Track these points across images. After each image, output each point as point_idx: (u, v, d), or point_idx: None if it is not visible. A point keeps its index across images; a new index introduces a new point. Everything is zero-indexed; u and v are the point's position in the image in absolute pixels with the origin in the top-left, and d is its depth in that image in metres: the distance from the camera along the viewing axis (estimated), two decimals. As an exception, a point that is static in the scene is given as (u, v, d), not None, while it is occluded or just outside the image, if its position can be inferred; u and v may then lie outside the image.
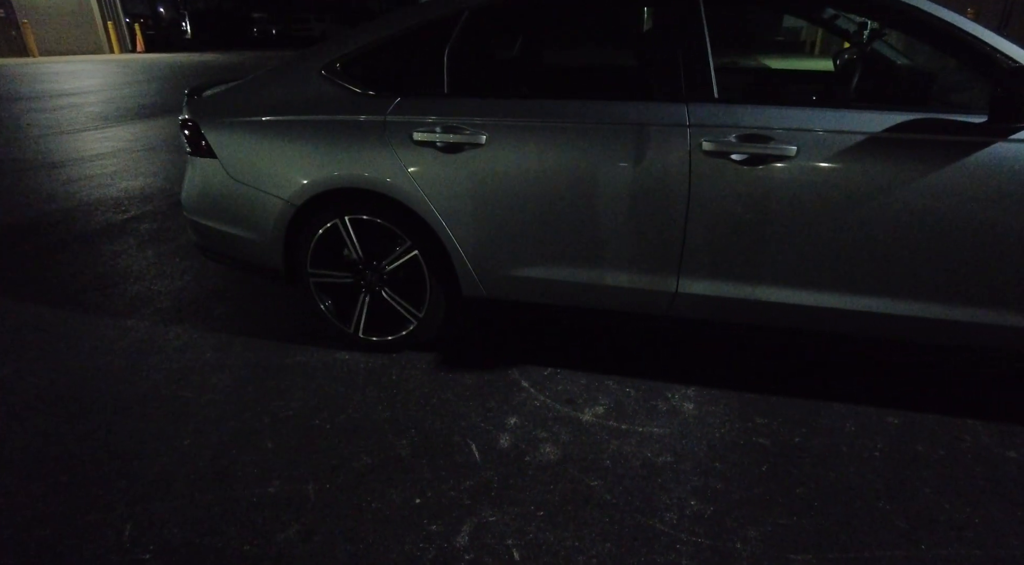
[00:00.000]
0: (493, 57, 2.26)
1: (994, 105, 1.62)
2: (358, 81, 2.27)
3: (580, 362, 2.38)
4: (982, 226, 1.74)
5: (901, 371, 2.28)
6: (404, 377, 2.30)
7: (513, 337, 2.58)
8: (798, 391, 2.17)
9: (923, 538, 1.55)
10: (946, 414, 2.03)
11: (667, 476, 1.78)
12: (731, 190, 1.90)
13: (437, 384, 2.25)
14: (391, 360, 2.41)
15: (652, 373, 2.30)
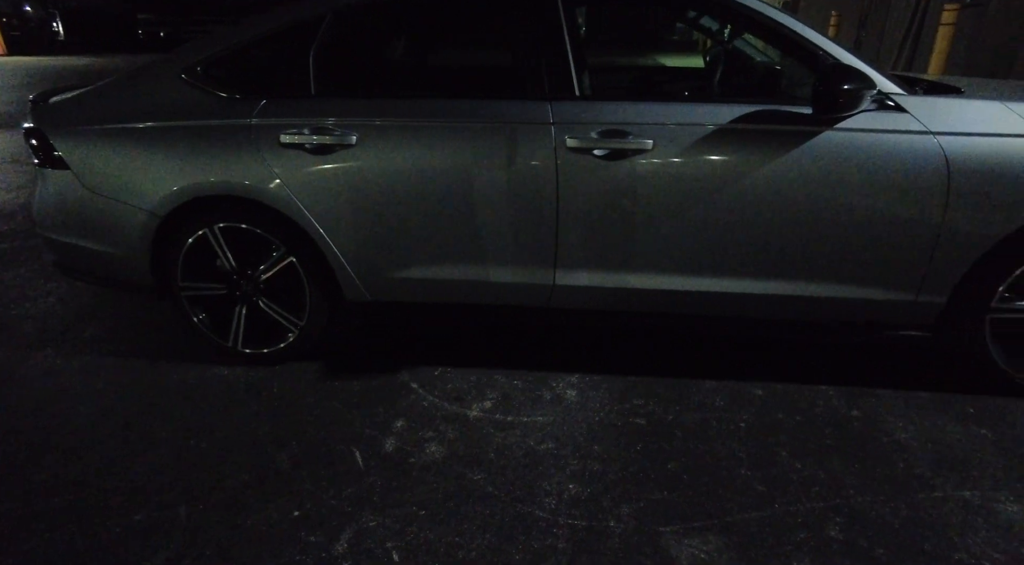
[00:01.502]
0: (362, 57, 2.23)
1: (816, 98, 1.77)
2: (221, 84, 2.18)
3: (470, 359, 2.40)
4: (819, 207, 1.90)
5: (765, 346, 2.45)
6: (287, 389, 2.23)
7: (403, 339, 2.56)
8: (673, 371, 2.29)
9: (777, 497, 1.67)
10: (804, 383, 2.20)
11: (548, 463, 1.83)
12: (596, 184, 1.97)
13: (322, 393, 2.20)
14: (274, 372, 2.34)
15: (538, 364, 2.35)
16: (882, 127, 1.85)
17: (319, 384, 2.26)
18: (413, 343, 2.53)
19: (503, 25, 2.15)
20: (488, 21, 2.17)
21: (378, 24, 2.17)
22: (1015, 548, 1.49)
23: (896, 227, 1.88)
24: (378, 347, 2.51)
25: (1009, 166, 1.79)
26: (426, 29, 2.32)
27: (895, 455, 1.82)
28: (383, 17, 2.15)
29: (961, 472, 1.74)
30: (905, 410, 2.02)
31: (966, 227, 1.85)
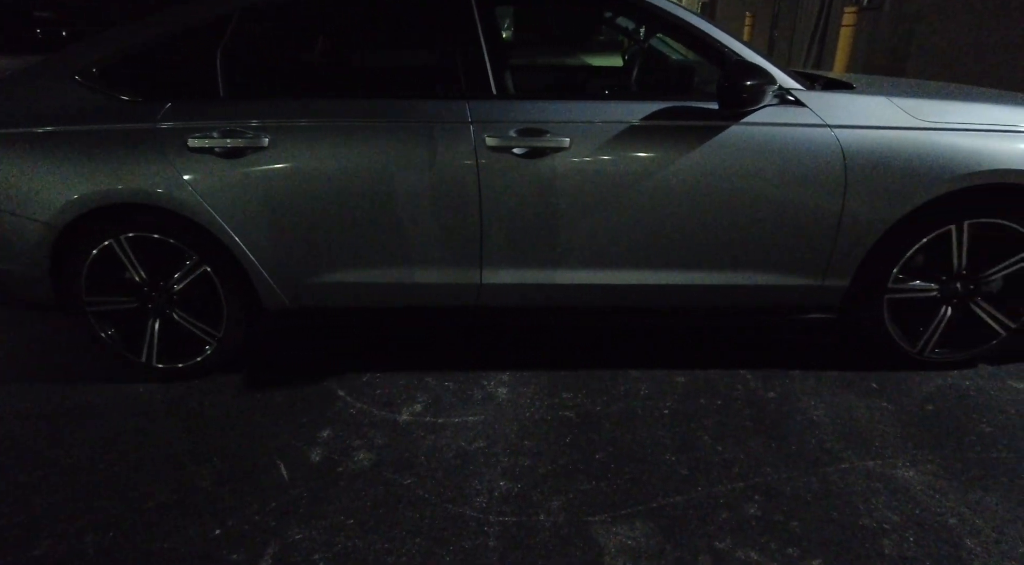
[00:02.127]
0: (273, 57, 2.17)
1: (721, 93, 1.85)
2: (121, 86, 2.06)
3: (400, 363, 2.37)
4: (730, 199, 1.98)
5: (688, 334, 2.53)
6: (208, 403, 2.14)
7: (329, 346, 2.50)
8: (601, 363, 2.33)
9: (700, 480, 1.73)
10: (724, 368, 2.29)
11: (479, 462, 1.83)
12: (517, 182, 1.99)
13: (244, 406, 2.12)
14: (192, 387, 2.23)
15: (470, 364, 2.35)
16: (784, 121, 1.95)
17: (241, 397, 2.17)
18: (340, 349, 2.47)
19: (418, 24, 2.14)
20: (403, 20, 2.15)
21: (288, 23, 2.11)
22: (909, 509, 1.60)
23: (801, 215, 1.99)
24: (303, 355, 2.44)
25: (895, 156, 1.92)
26: (340, 28, 2.28)
27: (808, 432, 1.92)
28: (293, 16, 2.10)
29: (865, 444, 1.86)
30: (816, 389, 2.14)
31: (862, 214, 1.97)
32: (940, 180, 1.92)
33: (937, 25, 7.52)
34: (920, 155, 1.92)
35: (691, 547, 1.51)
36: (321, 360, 2.40)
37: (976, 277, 2.10)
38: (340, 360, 2.40)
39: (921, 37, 7.83)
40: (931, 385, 2.14)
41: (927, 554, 1.47)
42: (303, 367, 2.35)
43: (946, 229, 2.02)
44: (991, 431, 1.90)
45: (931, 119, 1.96)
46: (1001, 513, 1.59)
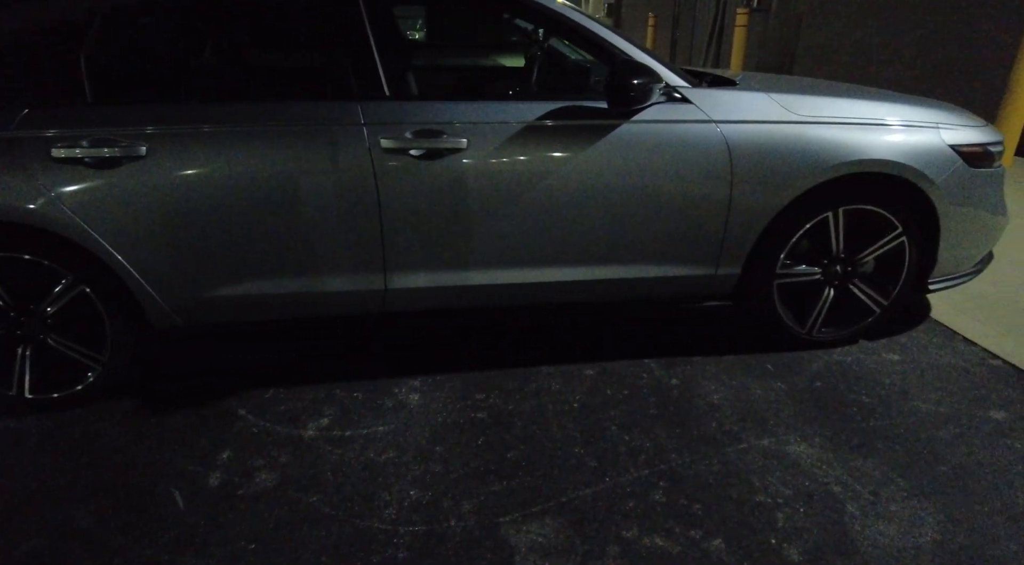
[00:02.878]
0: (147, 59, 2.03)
1: (609, 92, 1.89)
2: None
3: (306, 376, 2.28)
4: (626, 195, 2.03)
5: (597, 327, 2.59)
6: (92, 433, 1.98)
7: (229, 364, 2.38)
8: (513, 362, 2.34)
9: (608, 471, 1.77)
10: (630, 358, 2.35)
11: (389, 473, 1.79)
12: (415, 184, 1.95)
13: (135, 433, 1.98)
14: (75, 416, 2.06)
15: (380, 372, 2.29)
16: (672, 118, 2.02)
17: (131, 423, 2.02)
18: (241, 367, 2.35)
19: (306, 24, 2.06)
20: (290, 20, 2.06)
21: (165, 22, 1.98)
22: (800, 482, 1.70)
23: (693, 208, 2.07)
24: (201, 375, 2.30)
25: (775, 148, 2.03)
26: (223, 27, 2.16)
27: (708, 416, 2.00)
28: (169, 14, 1.97)
29: (762, 423, 1.96)
30: (716, 373, 2.24)
31: (749, 204, 2.07)
32: (815, 170, 2.04)
33: (819, 25, 8.06)
34: (797, 147, 2.04)
35: (599, 539, 1.54)
36: (221, 379, 2.27)
37: (852, 260, 2.26)
38: (241, 378, 2.28)
39: (806, 37, 8.38)
40: (819, 363, 2.28)
41: (815, 523, 1.57)
42: (201, 388, 2.22)
43: (824, 216, 2.15)
44: (869, 401, 2.05)
45: (805, 113, 2.08)
46: (877, 476, 1.71)
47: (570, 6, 2.11)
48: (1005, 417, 1.94)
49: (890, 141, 2.09)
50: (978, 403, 2.02)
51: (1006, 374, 2.17)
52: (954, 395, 2.06)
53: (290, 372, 2.31)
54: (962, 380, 2.15)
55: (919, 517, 1.57)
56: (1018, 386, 2.10)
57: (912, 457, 1.78)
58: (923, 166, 2.10)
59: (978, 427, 1.90)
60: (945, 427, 1.91)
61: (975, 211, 2.22)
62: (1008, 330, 2.44)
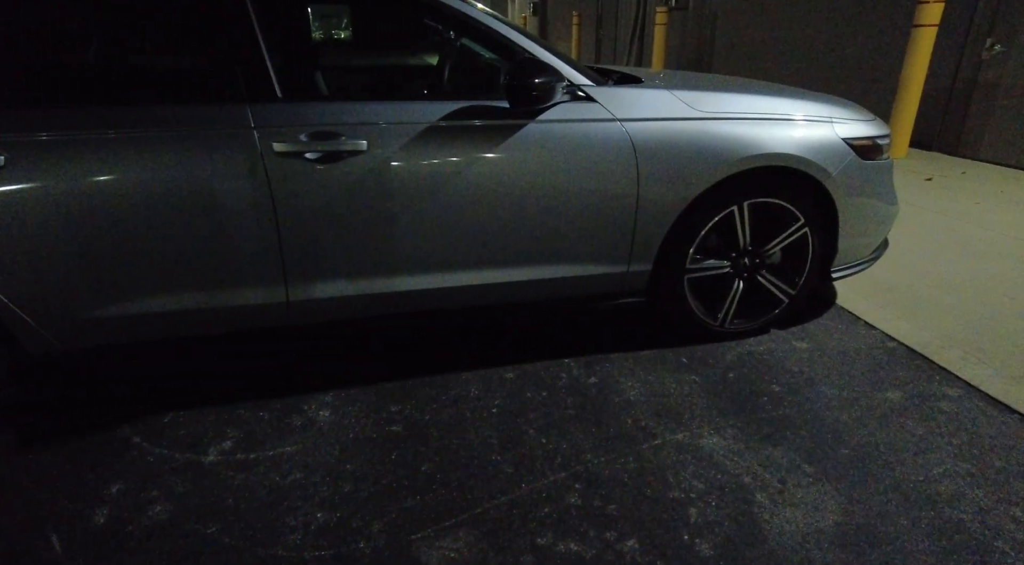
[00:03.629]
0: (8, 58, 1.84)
1: (509, 91, 1.86)
2: None
3: (208, 397, 2.14)
4: (535, 196, 2.00)
5: (517, 329, 2.56)
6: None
7: (123, 388, 2.21)
8: (431, 369, 2.28)
9: (524, 477, 1.74)
10: (550, 358, 2.33)
11: (295, 495, 1.69)
12: (313, 190, 1.86)
13: (9, 474, 1.80)
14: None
15: (289, 389, 2.18)
16: (577, 117, 2.01)
17: (6, 462, 1.84)
18: (137, 391, 2.19)
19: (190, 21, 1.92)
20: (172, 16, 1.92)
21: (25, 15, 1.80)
22: (712, 475, 1.72)
23: (602, 207, 2.06)
24: (90, 402, 2.12)
25: (678, 145, 2.05)
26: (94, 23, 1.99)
27: (624, 413, 2.00)
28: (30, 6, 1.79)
29: (677, 417, 1.97)
30: (633, 369, 2.25)
31: (656, 201, 2.08)
32: (719, 166, 2.08)
33: (734, 24, 8.36)
34: (700, 143, 2.07)
35: (513, 549, 1.50)
36: (113, 405, 2.11)
37: (759, 252, 2.32)
38: (136, 403, 2.12)
39: (721, 35, 8.67)
40: (732, 354, 2.33)
41: (726, 515, 1.58)
42: (90, 416, 2.05)
43: (730, 210, 2.20)
44: (779, 390, 2.10)
45: (707, 109, 2.12)
46: (785, 465, 1.75)
47: (472, 4, 2.06)
48: (899, 397, 2.04)
49: (789, 136, 2.15)
50: (876, 385, 2.11)
51: (901, 355, 2.28)
52: (855, 379, 2.15)
53: (191, 394, 2.17)
54: (863, 363, 2.24)
55: (822, 501, 1.61)
56: (911, 366, 2.21)
57: (817, 442, 1.84)
58: (820, 159, 2.17)
59: (875, 408, 1.98)
60: (847, 410, 1.98)
61: (869, 201, 2.32)
62: (903, 313, 2.57)
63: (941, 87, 5.39)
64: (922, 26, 4.79)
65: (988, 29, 4.96)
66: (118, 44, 1.94)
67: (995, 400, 2.00)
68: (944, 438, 1.83)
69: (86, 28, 1.91)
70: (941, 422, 1.90)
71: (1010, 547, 1.47)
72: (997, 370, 2.14)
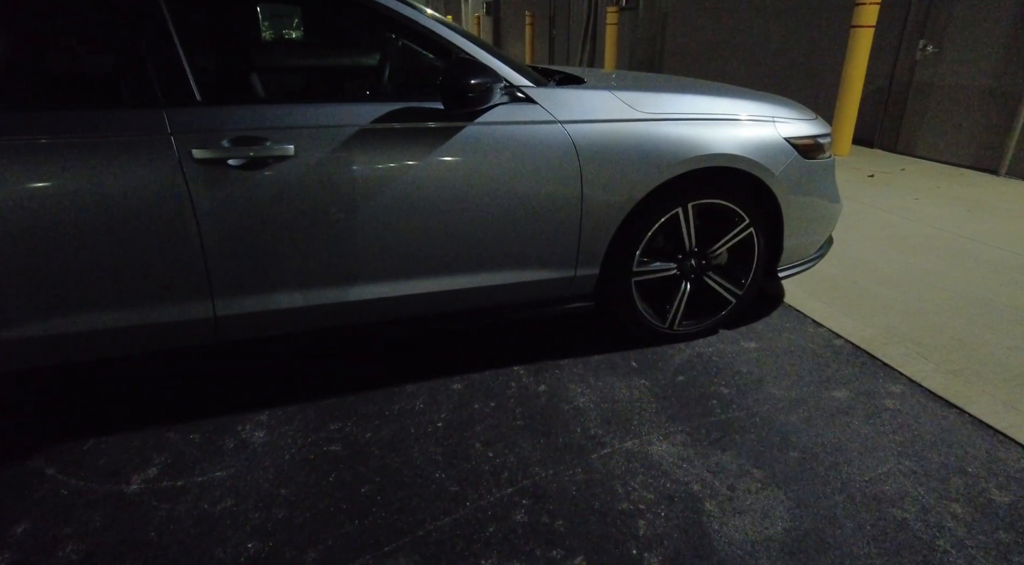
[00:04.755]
0: None
1: (444, 92, 1.78)
2: None
3: (133, 422, 2.00)
4: (476, 201, 1.93)
5: (464, 337, 2.48)
6: None
7: (36, 415, 2.05)
8: (374, 383, 2.18)
9: (470, 494, 1.67)
10: (499, 367, 2.27)
11: (225, 525, 1.58)
12: (237, 198, 1.75)
13: (-99, 514, 1.63)
14: None
15: (222, 409, 2.06)
16: (517, 119, 1.95)
17: None
18: (53, 418, 2.03)
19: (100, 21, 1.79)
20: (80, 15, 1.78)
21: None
22: (661, 483, 1.69)
23: (546, 211, 2.01)
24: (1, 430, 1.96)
25: (621, 147, 2.02)
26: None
27: (574, 421, 1.95)
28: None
29: (625, 424, 1.94)
30: (583, 375, 2.20)
31: (601, 204, 2.04)
32: (662, 167, 2.05)
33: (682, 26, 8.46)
34: (643, 145, 2.04)
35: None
36: (24, 435, 1.95)
37: (706, 253, 2.31)
38: (52, 430, 1.96)
39: (670, 36, 8.77)
40: (681, 356, 2.31)
41: (675, 526, 1.55)
42: None
43: (675, 212, 2.17)
44: (728, 392, 2.09)
45: (649, 110, 2.09)
46: (734, 470, 1.73)
47: (409, 3, 1.98)
48: (845, 396, 2.05)
49: (732, 136, 2.14)
50: (823, 384, 2.11)
51: (847, 353, 2.30)
52: (803, 378, 2.15)
53: (115, 418, 2.02)
54: (810, 362, 2.25)
55: (771, 507, 1.59)
56: (856, 363, 2.23)
57: (765, 446, 1.82)
58: (763, 159, 2.17)
59: (823, 408, 1.98)
60: (795, 411, 1.97)
61: (812, 199, 2.33)
62: (849, 310, 2.61)
63: (880, 86, 5.55)
64: (860, 27, 4.91)
65: (921, 30, 5.12)
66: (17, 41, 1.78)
67: (936, 395, 2.03)
68: (888, 436, 1.84)
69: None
70: (885, 420, 1.91)
71: (951, 545, 1.47)
72: (937, 365, 2.18)
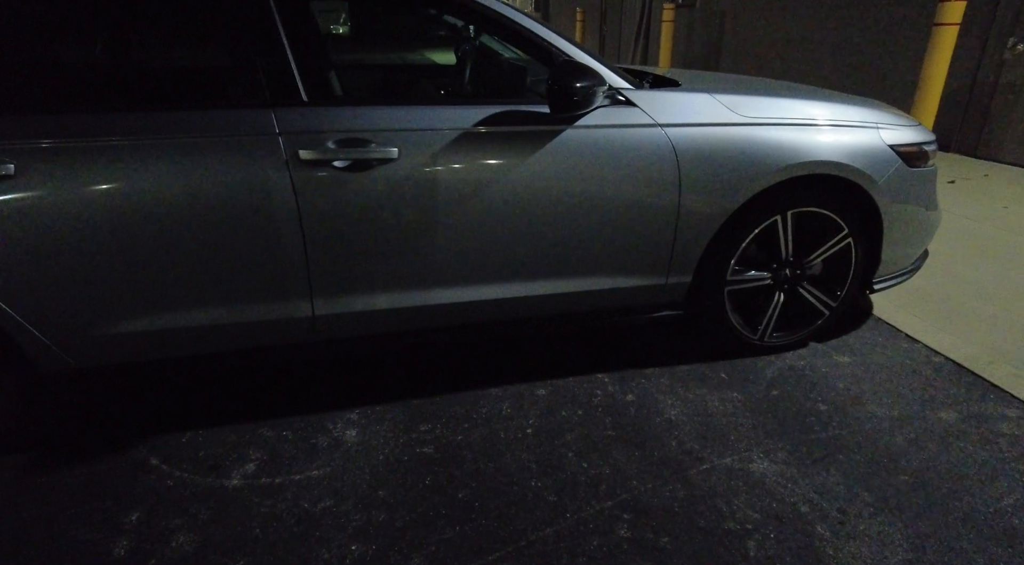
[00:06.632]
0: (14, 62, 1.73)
1: (551, 96, 1.76)
2: None
3: (228, 416, 2.04)
4: (572, 205, 1.90)
5: (546, 342, 2.46)
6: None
7: (139, 406, 2.10)
8: (460, 385, 2.18)
9: (568, 506, 1.64)
10: (582, 373, 2.24)
11: (326, 525, 1.60)
12: (341, 200, 1.76)
13: (21, 500, 1.70)
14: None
15: (312, 407, 2.08)
16: (617, 122, 1.91)
17: (16, 487, 1.74)
18: (153, 408, 2.09)
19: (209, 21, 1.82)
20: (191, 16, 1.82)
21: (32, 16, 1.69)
22: (767, 503, 1.63)
23: (642, 216, 1.97)
24: (106, 421, 2.02)
25: (722, 152, 1.96)
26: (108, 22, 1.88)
27: (667, 434, 1.91)
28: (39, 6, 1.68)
29: (722, 439, 1.88)
30: (672, 386, 2.15)
31: (698, 210, 1.99)
32: (765, 173, 1.98)
33: (742, 22, 8.25)
34: (745, 150, 1.97)
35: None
36: (129, 425, 2.01)
37: (800, 263, 2.23)
38: (154, 422, 2.02)
39: (729, 33, 8.56)
40: (773, 369, 2.24)
41: (786, 549, 1.49)
42: (105, 437, 1.95)
43: (773, 220, 2.10)
44: (826, 409, 2.01)
45: (751, 115, 2.02)
46: (842, 493, 1.66)
47: (504, 2, 1.96)
48: (954, 418, 1.95)
49: (836, 142, 2.05)
50: (928, 404, 2.02)
51: (949, 372, 2.19)
52: (904, 397, 2.06)
53: (210, 411, 2.07)
54: (910, 380, 2.15)
55: (888, 535, 1.52)
56: (961, 383, 2.12)
57: (873, 467, 1.75)
58: (867, 167, 2.08)
59: (931, 430, 1.89)
60: (900, 432, 1.89)
61: (914, 210, 2.23)
62: (945, 325, 2.49)
63: (959, 87, 5.30)
64: (943, 25, 4.69)
65: (1011, 28, 4.87)
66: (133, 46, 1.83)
67: (1053, 421, 1.92)
68: (1009, 464, 1.74)
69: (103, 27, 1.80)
70: (1003, 446, 1.81)
71: (1093, 586, 1.38)
72: (1051, 388, 2.06)
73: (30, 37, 1.74)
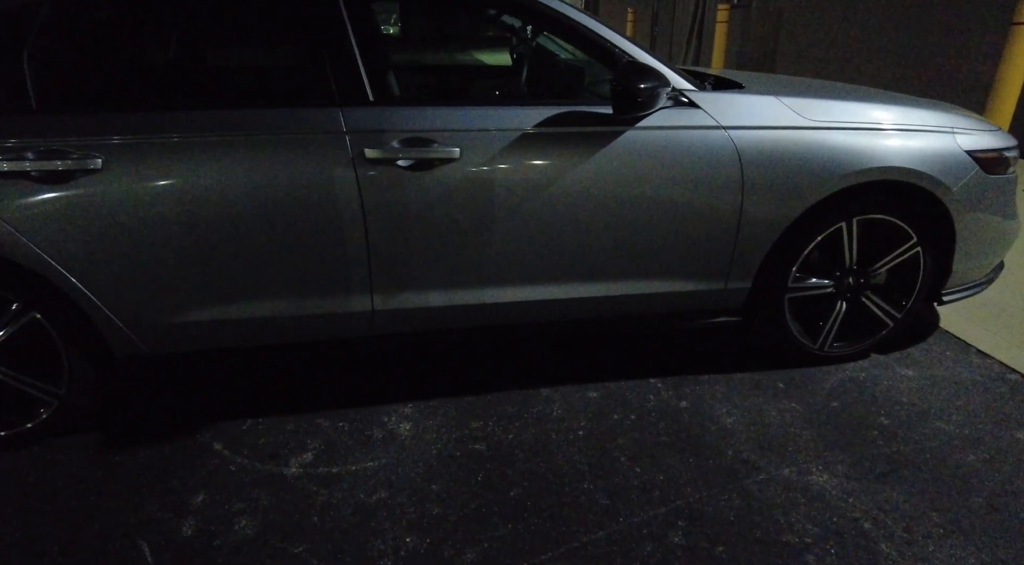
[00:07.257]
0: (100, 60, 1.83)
1: (615, 97, 1.75)
2: None
3: (286, 405, 2.10)
4: (632, 207, 1.89)
5: (598, 345, 2.45)
6: (48, 476, 1.78)
7: (203, 392, 2.19)
8: (510, 384, 2.19)
9: (621, 510, 1.63)
10: (633, 377, 2.22)
11: (381, 516, 1.63)
12: (404, 198, 1.79)
13: (97, 475, 1.79)
14: (31, 456, 1.86)
15: (367, 399, 2.13)
16: (679, 124, 1.89)
17: (93, 463, 1.83)
18: (215, 395, 2.17)
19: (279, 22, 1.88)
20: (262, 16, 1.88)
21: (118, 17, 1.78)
22: (827, 517, 1.58)
23: (703, 220, 1.94)
24: (172, 407, 2.11)
25: (788, 156, 1.91)
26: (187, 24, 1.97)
27: (723, 443, 1.87)
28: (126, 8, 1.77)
29: (779, 450, 1.84)
30: (727, 394, 2.11)
31: (761, 215, 1.95)
32: (831, 178, 1.93)
33: (799, 22, 8.03)
34: (811, 154, 1.92)
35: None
36: (193, 410, 2.09)
37: (865, 271, 2.15)
38: (216, 408, 2.10)
39: (785, 34, 8.34)
40: (832, 380, 2.17)
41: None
42: (171, 421, 2.03)
43: (838, 227, 2.04)
44: (889, 423, 1.94)
45: (818, 118, 1.97)
46: (909, 510, 1.60)
47: (565, 2, 1.96)
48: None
49: (908, 147, 1.98)
50: (1002, 423, 1.92)
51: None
52: (976, 414, 1.97)
53: (269, 400, 2.13)
54: (982, 397, 2.05)
55: (960, 559, 1.46)
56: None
57: (942, 487, 1.68)
58: (940, 173, 2.00)
59: (1006, 451, 1.80)
60: (972, 451, 1.81)
61: (991, 219, 2.13)
62: (1020, 340, 2.36)
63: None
64: (1022, 24, 4.46)
65: (1096, 29, 4.59)
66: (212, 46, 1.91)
67: None
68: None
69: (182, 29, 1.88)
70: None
71: None
72: None
73: (115, 39, 1.83)
